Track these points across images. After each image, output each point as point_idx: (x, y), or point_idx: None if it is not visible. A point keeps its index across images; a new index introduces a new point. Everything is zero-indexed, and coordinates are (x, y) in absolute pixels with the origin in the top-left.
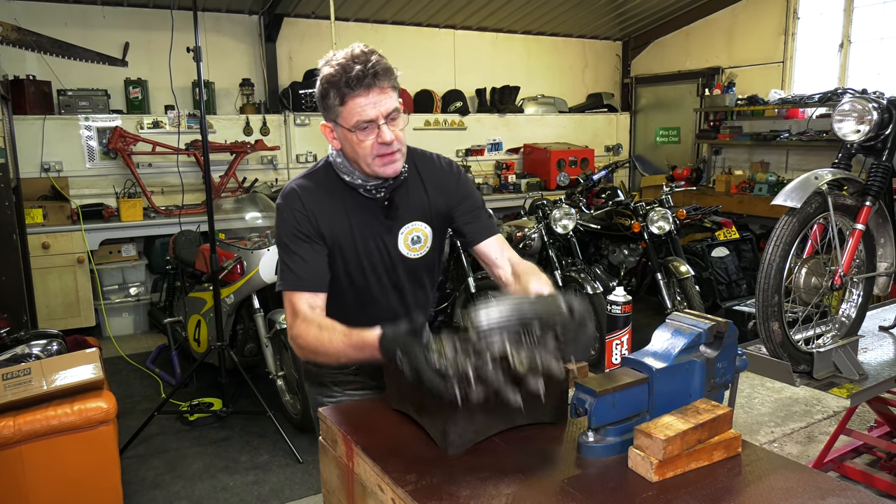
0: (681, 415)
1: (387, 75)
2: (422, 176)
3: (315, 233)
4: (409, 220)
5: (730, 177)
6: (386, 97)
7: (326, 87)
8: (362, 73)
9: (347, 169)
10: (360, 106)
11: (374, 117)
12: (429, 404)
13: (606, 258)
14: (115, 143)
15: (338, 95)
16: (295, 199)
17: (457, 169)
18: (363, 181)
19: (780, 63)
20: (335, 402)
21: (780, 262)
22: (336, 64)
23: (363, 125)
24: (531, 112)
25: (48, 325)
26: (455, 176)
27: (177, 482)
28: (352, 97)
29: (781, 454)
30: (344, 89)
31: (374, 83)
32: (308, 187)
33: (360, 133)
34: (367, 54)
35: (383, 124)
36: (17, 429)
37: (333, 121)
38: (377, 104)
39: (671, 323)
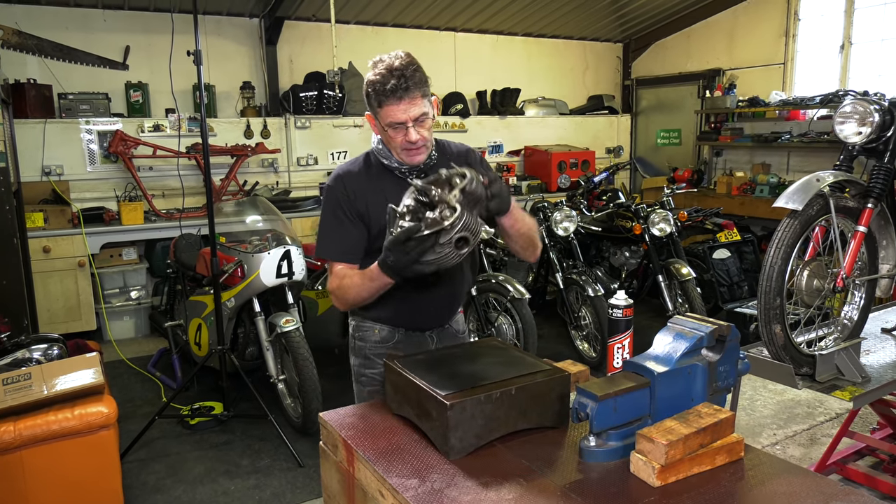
0: (683, 419)
1: (418, 87)
2: (448, 154)
3: (354, 212)
4: None
5: (731, 178)
6: (415, 106)
7: (369, 91)
8: (396, 86)
9: (385, 154)
10: (392, 112)
11: (404, 120)
12: (430, 409)
13: (608, 260)
14: (116, 146)
15: (376, 100)
16: (338, 182)
17: (476, 152)
18: (398, 164)
19: (781, 65)
20: (377, 374)
21: (782, 265)
22: (379, 73)
23: (395, 125)
24: (532, 114)
25: (49, 328)
26: (475, 157)
27: (178, 486)
28: (387, 104)
29: (784, 457)
30: (381, 97)
31: (405, 95)
32: (350, 171)
33: (391, 130)
34: (405, 67)
35: (411, 126)
36: (18, 434)
37: (374, 115)
38: (406, 111)
39: (673, 326)
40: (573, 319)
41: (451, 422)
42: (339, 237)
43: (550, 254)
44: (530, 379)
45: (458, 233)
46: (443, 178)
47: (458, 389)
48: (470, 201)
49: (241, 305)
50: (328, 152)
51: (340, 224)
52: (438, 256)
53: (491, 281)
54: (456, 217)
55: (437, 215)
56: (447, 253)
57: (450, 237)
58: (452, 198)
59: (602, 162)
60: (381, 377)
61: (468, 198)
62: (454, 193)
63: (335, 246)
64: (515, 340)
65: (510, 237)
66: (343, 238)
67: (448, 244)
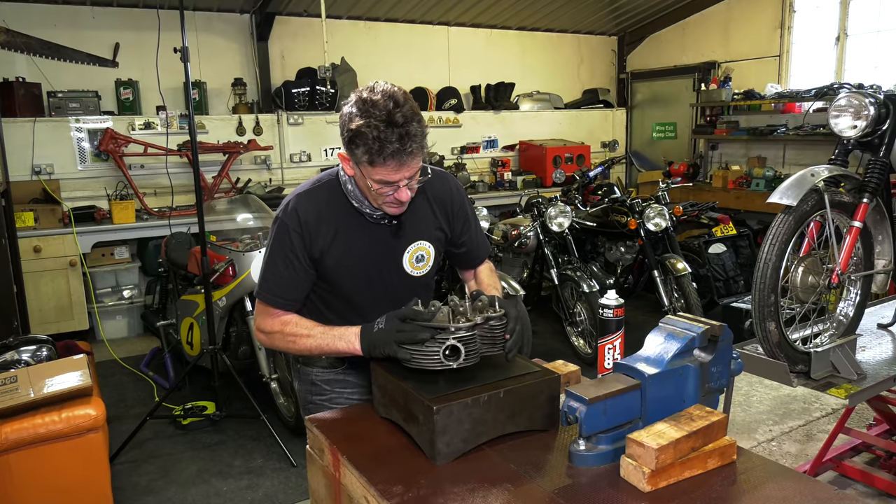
0: (674, 422)
1: (421, 148)
2: (429, 195)
3: (306, 254)
4: (415, 240)
5: (727, 172)
6: (414, 167)
7: (357, 141)
8: (399, 150)
9: (357, 198)
10: (387, 172)
11: (398, 181)
12: (416, 413)
13: (603, 256)
14: (107, 144)
15: (367, 155)
16: (293, 217)
17: (464, 193)
18: (371, 210)
19: (777, 57)
20: (325, 400)
21: (777, 261)
22: (372, 124)
23: (385, 183)
24: (526, 109)
25: (41, 329)
26: (460, 199)
27: (170, 487)
28: (382, 166)
29: (780, 453)
30: (375, 157)
31: (407, 160)
32: (310, 205)
33: (378, 186)
34: (407, 124)
35: (403, 185)
36: (4, 437)
37: (355, 162)
38: (404, 173)
39: (664, 326)
40: (568, 316)
41: (438, 426)
42: (287, 282)
43: (545, 250)
44: (519, 381)
45: (455, 341)
46: (480, 303)
47: (444, 393)
48: (485, 333)
49: (232, 304)
50: (321, 148)
51: (289, 266)
52: (423, 352)
53: None
54: (465, 328)
55: (449, 316)
56: (432, 354)
57: (446, 340)
58: (475, 315)
59: (597, 156)
60: (330, 403)
61: (486, 330)
62: (480, 316)
63: (281, 291)
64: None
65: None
66: (291, 283)
67: (438, 345)
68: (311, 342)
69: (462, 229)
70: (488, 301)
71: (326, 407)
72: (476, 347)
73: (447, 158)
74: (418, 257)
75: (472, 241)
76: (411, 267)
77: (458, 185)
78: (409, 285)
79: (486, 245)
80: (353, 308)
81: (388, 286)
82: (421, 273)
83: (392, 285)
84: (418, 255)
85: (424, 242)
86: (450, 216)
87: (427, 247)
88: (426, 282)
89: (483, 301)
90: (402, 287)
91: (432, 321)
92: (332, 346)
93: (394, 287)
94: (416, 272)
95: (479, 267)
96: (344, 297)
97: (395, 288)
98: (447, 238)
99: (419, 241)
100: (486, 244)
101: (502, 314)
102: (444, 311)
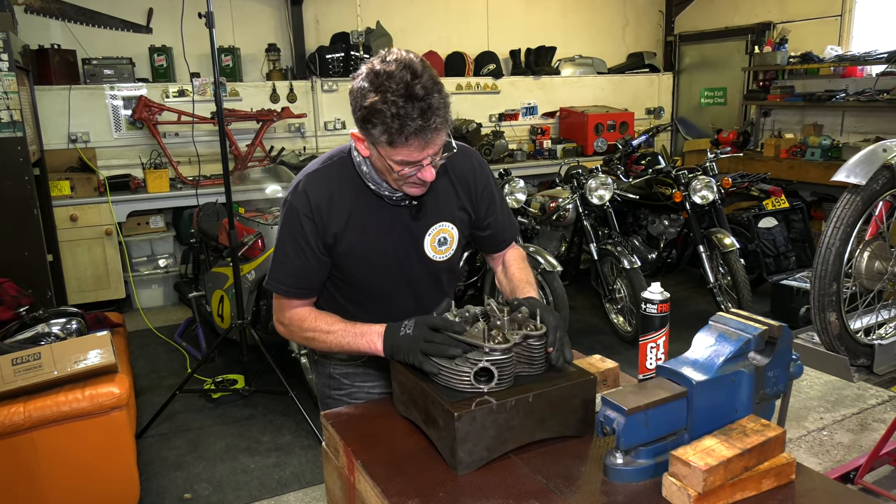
0: (725, 437)
1: (446, 122)
2: (451, 174)
3: (319, 240)
4: (437, 221)
5: (779, 140)
6: (437, 144)
7: (374, 119)
8: (422, 127)
9: (374, 180)
10: (409, 152)
11: (421, 160)
12: (436, 416)
13: (645, 229)
14: (140, 112)
15: (386, 135)
16: (303, 200)
17: (488, 170)
18: (390, 192)
19: (838, 17)
20: (344, 395)
21: (841, 246)
22: (389, 99)
23: (407, 164)
24: (568, 74)
25: (79, 297)
26: (485, 178)
27: (198, 463)
28: (404, 146)
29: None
30: (395, 136)
31: (432, 137)
32: (321, 186)
33: (400, 168)
34: (428, 96)
35: (427, 164)
36: (28, 415)
37: (371, 143)
38: (426, 150)
39: (715, 326)
40: (608, 292)
41: (460, 434)
42: (299, 270)
43: (584, 222)
44: (550, 383)
45: (488, 363)
46: (521, 314)
47: (467, 397)
48: (522, 352)
49: (261, 278)
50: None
51: (301, 254)
52: (452, 370)
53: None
54: (502, 348)
55: (484, 332)
56: (461, 373)
57: (478, 361)
58: (513, 334)
59: (641, 124)
60: (349, 398)
61: (524, 349)
62: (519, 333)
63: (293, 280)
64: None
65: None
66: (304, 272)
67: (470, 365)
68: (331, 339)
69: (487, 209)
70: (529, 312)
71: (345, 402)
72: (511, 370)
73: (485, 126)
74: (441, 240)
75: (498, 223)
76: (433, 251)
77: (481, 160)
78: (432, 271)
79: (515, 226)
80: (372, 297)
81: (408, 272)
82: (444, 258)
83: (413, 271)
84: (441, 237)
85: (447, 224)
86: (473, 195)
87: (450, 229)
88: (451, 266)
89: (523, 313)
90: (423, 273)
91: (465, 336)
92: (352, 345)
93: (415, 273)
94: (438, 256)
95: (509, 254)
96: (361, 284)
97: (417, 274)
98: (471, 219)
99: (441, 223)
100: (514, 225)
101: (543, 332)
102: (480, 327)
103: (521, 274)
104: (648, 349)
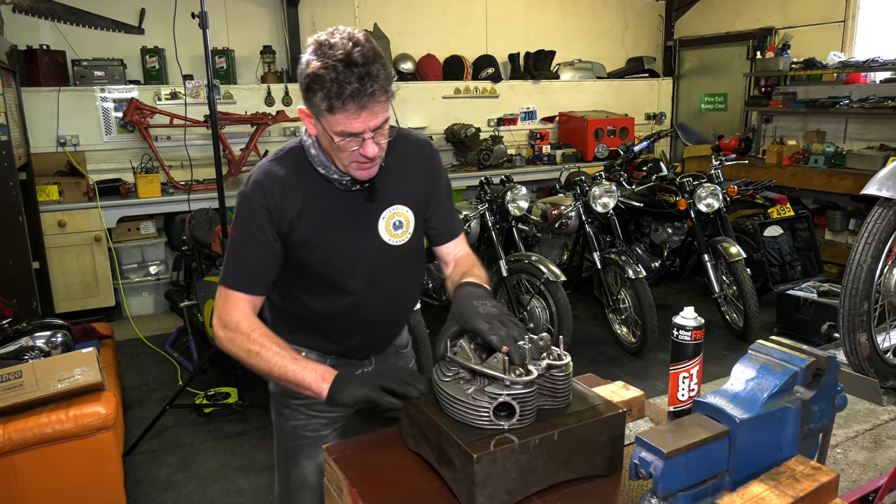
0: (774, 482)
1: (384, 91)
2: (403, 157)
3: (273, 230)
4: (391, 204)
5: (782, 147)
6: (377, 114)
7: (314, 86)
8: (359, 90)
9: (323, 163)
10: (347, 121)
11: (361, 131)
12: (452, 456)
13: (648, 237)
14: (132, 115)
15: (326, 101)
16: (258, 191)
17: (439, 158)
18: (339, 176)
19: (841, 23)
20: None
21: (873, 263)
22: (330, 65)
23: (347, 136)
24: (567, 78)
25: (67, 305)
26: (436, 162)
27: (189, 483)
28: (342, 111)
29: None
30: (334, 101)
31: (368, 102)
32: (276, 177)
33: (341, 140)
34: (368, 63)
35: (369, 138)
36: (8, 437)
37: (315, 115)
38: (367, 120)
39: (756, 356)
40: (611, 302)
41: (479, 477)
42: (253, 263)
43: (587, 230)
44: (576, 419)
45: (509, 398)
46: (543, 342)
47: (487, 435)
48: (546, 384)
49: None
50: None
51: (255, 244)
52: (465, 403)
53: (523, 261)
54: (524, 381)
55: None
56: (479, 408)
57: (498, 395)
58: (535, 364)
59: (641, 129)
60: (308, 409)
61: (546, 381)
62: (539, 366)
63: (244, 273)
64: (549, 325)
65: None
66: (258, 264)
67: (489, 400)
68: (275, 359)
69: (436, 194)
70: (543, 344)
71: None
72: (534, 405)
73: (483, 130)
74: (395, 223)
75: (444, 211)
76: (389, 235)
77: (433, 149)
78: (393, 258)
79: (459, 219)
80: (334, 288)
81: (367, 259)
82: (400, 242)
83: (371, 258)
84: (395, 221)
85: (401, 207)
86: (426, 181)
87: (405, 211)
88: (412, 254)
89: (545, 340)
90: (384, 260)
91: (483, 366)
92: (296, 373)
93: (374, 260)
94: (394, 241)
95: (461, 252)
96: (321, 275)
97: (376, 262)
98: (426, 200)
99: (395, 206)
100: (458, 218)
101: (566, 363)
102: (499, 357)
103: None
104: (681, 379)
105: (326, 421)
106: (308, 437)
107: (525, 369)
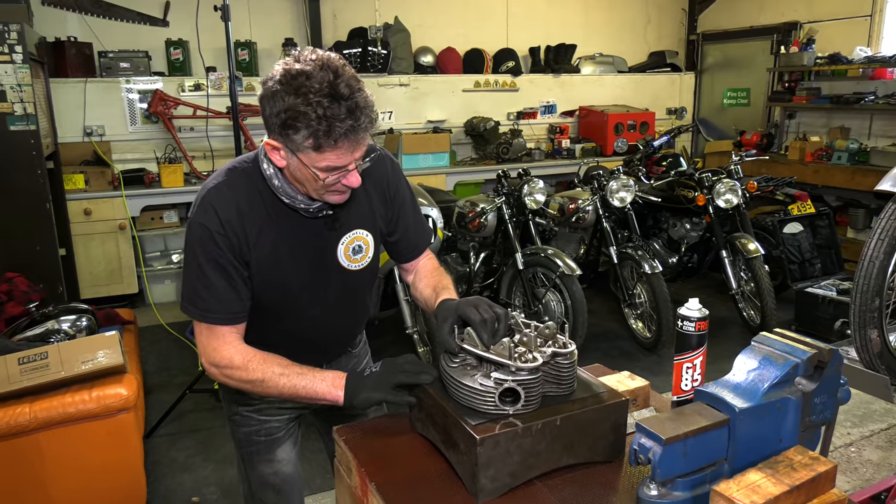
0: (771, 471)
1: (372, 124)
2: (365, 179)
3: (238, 257)
4: (351, 229)
5: (805, 143)
6: (364, 142)
7: (296, 124)
8: (353, 127)
9: (288, 193)
10: (337, 156)
11: (347, 164)
12: (457, 439)
13: (666, 232)
14: (156, 106)
15: (312, 139)
16: (212, 218)
17: (401, 173)
18: (307, 204)
19: (868, 17)
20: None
21: (885, 259)
22: (313, 101)
23: (333, 169)
24: (588, 72)
25: (92, 291)
26: (396, 180)
27: (206, 466)
28: (332, 150)
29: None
30: (324, 140)
31: (362, 139)
32: (229, 205)
33: (325, 173)
34: (354, 93)
35: (353, 168)
36: (34, 416)
37: (291, 151)
38: (356, 152)
39: (759, 348)
40: (627, 297)
41: (482, 459)
42: (228, 294)
43: (604, 224)
44: (579, 405)
45: (515, 384)
46: (549, 329)
47: (490, 419)
48: (551, 371)
49: None
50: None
51: (224, 275)
52: (472, 388)
53: (539, 255)
54: (529, 367)
55: (510, 349)
56: (485, 393)
57: (503, 381)
58: (541, 351)
59: (662, 124)
60: (259, 415)
61: (551, 368)
62: (544, 353)
63: (222, 306)
64: (563, 319)
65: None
66: (235, 295)
67: (495, 385)
68: (283, 381)
69: (399, 214)
70: (550, 331)
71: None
72: (538, 391)
73: (503, 124)
74: (355, 248)
75: (409, 229)
76: (347, 260)
77: (394, 162)
78: (349, 283)
79: (427, 233)
80: (290, 312)
81: (325, 285)
82: (359, 266)
83: (330, 284)
84: (355, 245)
85: (362, 231)
86: (387, 199)
87: (365, 235)
88: (368, 279)
89: (550, 328)
90: (339, 286)
91: (490, 352)
92: (308, 388)
93: (332, 286)
94: (353, 266)
95: (422, 263)
96: (276, 302)
97: (335, 287)
98: (386, 225)
99: (356, 230)
100: (426, 232)
101: (572, 351)
102: (505, 343)
103: (437, 279)
104: (684, 369)
105: (279, 424)
106: (261, 442)
107: (531, 356)
